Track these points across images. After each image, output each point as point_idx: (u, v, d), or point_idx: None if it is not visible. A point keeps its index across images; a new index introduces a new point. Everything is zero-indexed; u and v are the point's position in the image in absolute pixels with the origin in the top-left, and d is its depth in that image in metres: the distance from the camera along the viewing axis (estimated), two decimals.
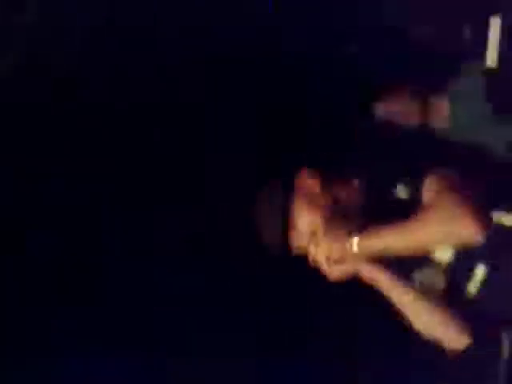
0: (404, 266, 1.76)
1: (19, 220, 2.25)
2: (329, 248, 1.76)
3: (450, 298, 1.74)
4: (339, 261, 1.76)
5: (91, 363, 2.24)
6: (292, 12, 2.41)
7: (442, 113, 2.29)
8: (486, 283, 1.71)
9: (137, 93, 2.30)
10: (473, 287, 1.72)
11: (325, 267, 1.78)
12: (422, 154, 1.82)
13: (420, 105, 2.29)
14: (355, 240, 1.72)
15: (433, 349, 1.78)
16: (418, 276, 1.78)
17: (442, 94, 2.31)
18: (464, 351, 1.75)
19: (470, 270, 1.72)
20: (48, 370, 2.19)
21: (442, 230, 1.64)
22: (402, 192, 1.77)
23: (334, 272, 1.78)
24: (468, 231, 1.60)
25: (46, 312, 2.24)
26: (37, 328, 2.22)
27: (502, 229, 1.70)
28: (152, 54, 2.34)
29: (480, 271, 1.71)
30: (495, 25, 2.22)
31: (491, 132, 2.17)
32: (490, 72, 2.23)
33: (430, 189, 1.70)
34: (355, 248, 1.72)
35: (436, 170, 1.71)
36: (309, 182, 1.85)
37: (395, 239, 1.68)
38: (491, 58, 2.22)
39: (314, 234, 1.80)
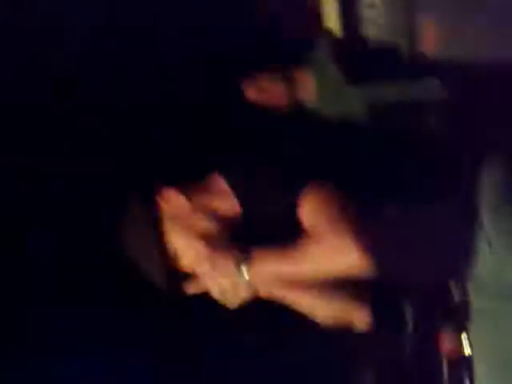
0: None
1: (19, 220, 2.25)
2: (220, 283, 1.73)
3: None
4: (234, 292, 1.73)
5: (91, 363, 2.23)
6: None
7: (308, 87, 2.31)
8: None
9: (137, 92, 2.31)
10: None
11: (221, 299, 1.75)
12: (297, 157, 1.78)
13: (286, 83, 2.31)
14: (244, 270, 1.69)
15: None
16: None
17: (304, 68, 2.34)
18: (369, 330, 1.82)
19: None
20: (48, 370, 2.18)
21: (328, 264, 1.64)
22: (277, 204, 1.74)
23: (231, 301, 1.75)
24: (356, 263, 1.60)
25: (45, 312, 2.23)
26: (37, 328, 2.22)
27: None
28: (151, 54, 2.35)
29: None
30: None
31: (354, 98, 2.20)
32: (337, 40, 2.27)
33: (308, 207, 1.68)
34: (246, 277, 1.70)
35: (312, 186, 1.68)
36: (176, 202, 1.80)
37: (285, 268, 1.68)
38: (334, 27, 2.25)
39: (198, 261, 1.76)
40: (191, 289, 1.79)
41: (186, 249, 1.78)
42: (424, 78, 2.22)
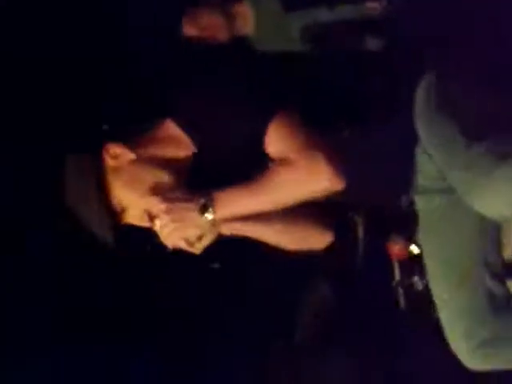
0: None
1: (19, 220, 2.18)
2: (185, 233, 1.67)
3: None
4: (199, 238, 1.70)
5: (90, 362, 2.24)
6: None
7: (245, 18, 2.34)
8: None
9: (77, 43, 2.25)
10: None
11: (186, 247, 1.71)
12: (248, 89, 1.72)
13: (224, 15, 2.33)
14: (211, 216, 1.63)
15: None
16: None
17: (242, 1, 2.36)
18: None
19: None
20: (47, 367, 2.17)
21: (301, 189, 1.63)
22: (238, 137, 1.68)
23: (198, 247, 1.72)
24: (330, 185, 1.62)
25: (45, 311, 2.21)
26: (36, 327, 2.20)
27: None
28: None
29: None
30: None
31: (291, 25, 2.24)
32: None
33: (274, 139, 1.65)
34: (212, 222, 1.65)
35: (277, 116, 1.65)
36: (121, 156, 1.69)
37: (252, 203, 1.64)
38: None
39: (149, 214, 1.69)
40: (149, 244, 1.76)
41: (135, 204, 1.70)
42: None
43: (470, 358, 1.81)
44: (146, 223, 1.71)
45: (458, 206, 1.80)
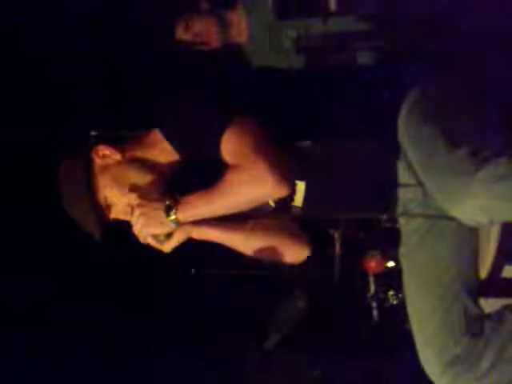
0: None
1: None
2: (151, 228, 1.81)
3: (281, 214, 1.92)
4: (167, 236, 1.84)
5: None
6: None
7: (239, 26, 2.37)
8: (306, 195, 1.86)
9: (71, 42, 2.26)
10: (297, 201, 1.88)
11: (155, 245, 1.86)
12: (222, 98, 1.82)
13: (218, 22, 2.36)
14: (174, 216, 1.77)
15: None
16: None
17: (236, 8, 2.39)
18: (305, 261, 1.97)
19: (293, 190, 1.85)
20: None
21: (246, 195, 1.74)
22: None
23: (166, 246, 1.86)
24: (273, 191, 1.72)
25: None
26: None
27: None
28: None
29: (300, 187, 1.86)
30: None
31: (280, 37, 2.29)
32: None
33: (225, 146, 1.75)
34: (175, 221, 1.78)
35: (233, 121, 1.74)
36: (109, 157, 1.87)
37: (208, 207, 1.77)
38: None
39: (130, 208, 1.84)
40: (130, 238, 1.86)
41: (118, 199, 1.85)
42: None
43: (441, 375, 1.85)
44: (127, 217, 1.86)
45: (437, 228, 1.85)
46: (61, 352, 2.31)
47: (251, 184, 1.71)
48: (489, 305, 1.89)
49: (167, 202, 1.78)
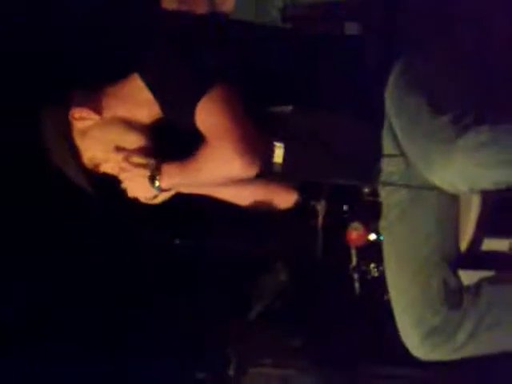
0: None
1: None
2: (136, 192, 1.87)
3: (265, 175, 1.89)
4: (155, 197, 1.88)
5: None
6: None
7: None
8: (285, 157, 1.86)
9: None
10: (277, 160, 1.86)
11: (144, 201, 1.90)
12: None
13: None
14: (157, 183, 1.81)
15: None
16: None
17: None
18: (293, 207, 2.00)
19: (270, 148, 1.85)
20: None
21: (217, 171, 1.75)
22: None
23: (154, 201, 1.90)
24: (242, 171, 1.72)
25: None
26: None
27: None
28: None
29: (279, 148, 1.85)
30: None
31: (266, 5, 2.28)
32: None
33: (200, 117, 1.74)
34: (159, 189, 1.83)
35: (207, 94, 1.73)
36: (85, 117, 1.85)
37: (188, 178, 1.79)
38: None
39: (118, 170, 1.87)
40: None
41: (105, 159, 1.88)
42: None
43: (419, 346, 1.87)
44: (117, 174, 1.89)
45: (418, 201, 1.85)
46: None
47: (219, 164, 1.71)
48: (467, 277, 1.90)
49: (149, 171, 1.80)
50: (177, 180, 1.80)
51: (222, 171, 1.74)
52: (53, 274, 2.28)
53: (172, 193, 1.91)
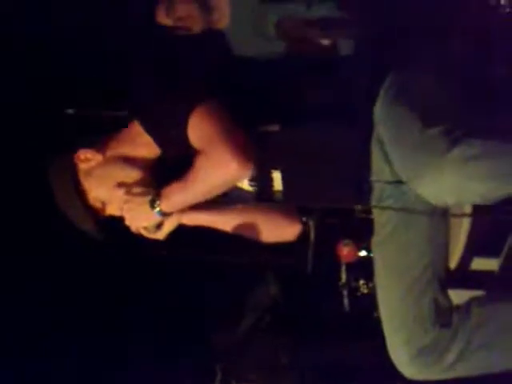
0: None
1: None
2: (140, 222, 1.90)
3: (264, 200, 1.94)
4: (158, 226, 1.92)
5: None
6: None
7: (222, 12, 2.36)
8: (284, 183, 1.89)
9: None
10: (277, 189, 1.90)
11: (148, 235, 1.94)
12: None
13: (201, 7, 2.35)
14: (158, 208, 1.83)
15: None
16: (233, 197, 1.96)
17: None
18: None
19: (270, 176, 1.89)
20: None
21: (214, 180, 1.77)
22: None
23: (159, 235, 1.94)
24: (238, 173, 1.74)
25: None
26: None
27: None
28: None
29: (277, 176, 1.88)
30: None
31: (263, 21, 2.29)
32: None
33: (191, 130, 1.78)
34: (161, 213, 1.84)
35: (196, 106, 1.77)
36: (92, 160, 1.92)
37: (186, 196, 1.81)
38: None
39: (121, 207, 1.91)
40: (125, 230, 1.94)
41: (110, 198, 1.91)
42: None
43: (408, 365, 1.86)
44: (120, 214, 1.93)
45: (410, 218, 1.85)
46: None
47: (215, 169, 1.73)
48: (457, 296, 1.90)
49: (150, 197, 1.83)
50: (176, 198, 1.82)
51: (218, 176, 1.75)
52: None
53: (175, 223, 1.92)
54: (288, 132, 1.83)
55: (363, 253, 2.21)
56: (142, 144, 1.89)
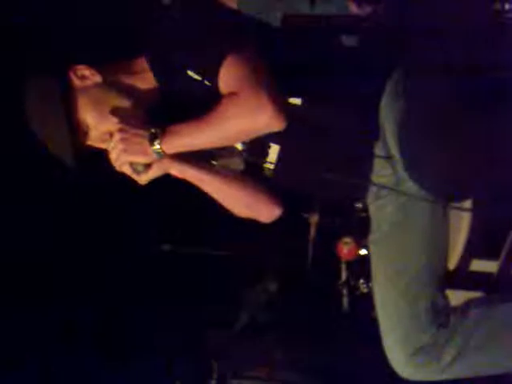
0: (204, 153, 1.79)
1: None
2: (130, 156, 1.71)
3: (251, 177, 1.85)
4: (146, 167, 1.74)
5: None
6: None
7: (230, 3, 2.32)
8: (279, 160, 1.81)
9: None
10: (268, 166, 1.83)
11: (131, 174, 1.76)
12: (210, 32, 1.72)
13: None
14: (158, 146, 1.68)
15: None
16: (219, 162, 1.85)
17: None
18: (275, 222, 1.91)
19: (264, 150, 1.81)
20: None
21: (243, 123, 1.63)
22: (195, 77, 1.71)
23: (143, 177, 1.77)
24: (270, 122, 1.62)
25: None
26: None
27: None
28: None
29: (273, 150, 1.81)
30: None
31: (273, 10, 2.27)
32: None
33: (226, 75, 1.66)
34: (160, 151, 1.69)
35: (230, 55, 1.66)
36: (88, 78, 1.76)
37: (198, 137, 1.67)
38: None
39: (109, 135, 1.75)
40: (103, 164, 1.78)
41: (96, 124, 1.75)
42: None
43: (405, 365, 1.85)
44: (105, 145, 1.76)
45: (409, 217, 1.85)
46: None
47: (248, 112, 1.61)
48: (455, 297, 1.90)
49: (153, 130, 1.67)
50: (182, 140, 1.67)
51: (248, 121, 1.62)
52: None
53: (164, 170, 1.78)
54: (308, 109, 1.75)
55: (363, 251, 2.21)
56: (144, 79, 1.77)
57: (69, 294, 2.33)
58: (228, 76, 1.66)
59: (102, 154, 1.76)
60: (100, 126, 1.75)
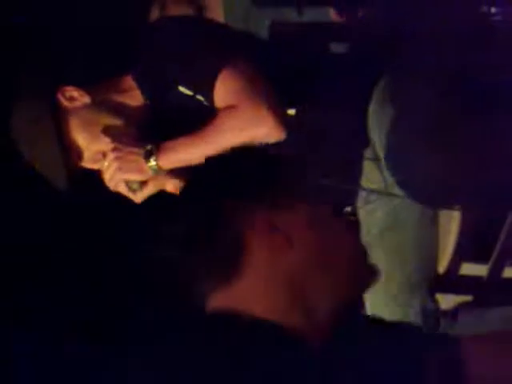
0: None
1: None
2: (126, 174, 1.70)
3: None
4: (141, 185, 1.73)
5: None
6: None
7: (215, 13, 2.32)
8: None
9: None
10: None
11: (127, 193, 1.74)
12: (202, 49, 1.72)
13: (193, 7, 2.31)
14: (154, 162, 1.67)
15: None
16: None
17: None
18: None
19: None
20: None
21: (241, 135, 1.62)
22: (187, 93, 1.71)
23: (139, 195, 1.74)
24: (270, 132, 1.62)
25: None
26: None
27: None
28: None
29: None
30: None
31: (259, 20, 2.27)
32: None
33: (222, 89, 1.65)
34: (156, 168, 1.67)
35: (224, 68, 1.65)
36: (78, 99, 1.75)
37: (195, 151, 1.64)
38: None
39: (101, 155, 1.74)
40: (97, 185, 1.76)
41: (88, 145, 1.74)
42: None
43: None
44: (97, 165, 1.75)
45: (398, 220, 1.85)
46: None
47: (248, 123, 1.61)
48: (445, 301, 1.90)
49: (148, 147, 1.66)
50: (178, 155, 1.65)
51: (248, 132, 1.61)
52: None
53: (160, 186, 1.75)
54: (303, 115, 1.74)
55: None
56: (133, 97, 1.76)
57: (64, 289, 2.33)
58: (224, 90, 1.65)
59: (95, 174, 1.75)
60: (92, 147, 1.73)
